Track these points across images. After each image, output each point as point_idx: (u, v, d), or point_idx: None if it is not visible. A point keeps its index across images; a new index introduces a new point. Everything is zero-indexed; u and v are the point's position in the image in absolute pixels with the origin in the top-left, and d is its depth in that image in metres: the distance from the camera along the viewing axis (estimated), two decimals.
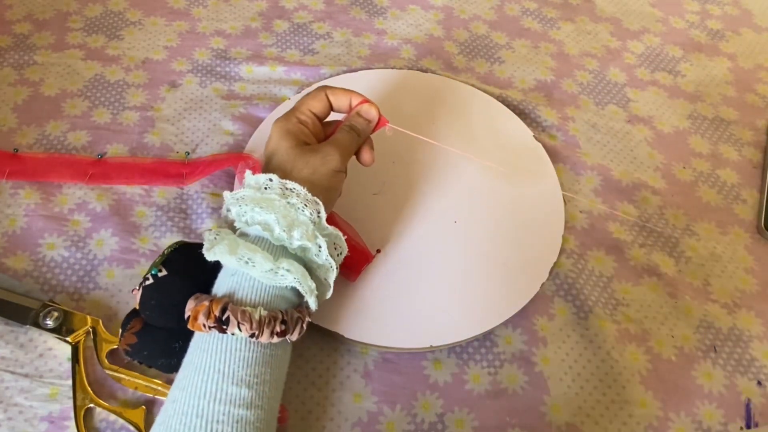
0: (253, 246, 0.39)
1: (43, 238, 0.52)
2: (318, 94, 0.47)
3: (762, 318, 0.54)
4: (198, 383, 0.36)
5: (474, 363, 0.50)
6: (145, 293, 0.41)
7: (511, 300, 0.51)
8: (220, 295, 0.39)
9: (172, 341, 0.42)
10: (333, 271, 0.42)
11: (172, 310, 0.40)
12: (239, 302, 0.39)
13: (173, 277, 0.41)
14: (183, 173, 0.56)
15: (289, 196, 0.41)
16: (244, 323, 0.37)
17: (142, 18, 0.68)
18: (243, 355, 0.37)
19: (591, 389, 0.49)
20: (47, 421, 0.44)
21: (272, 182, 0.41)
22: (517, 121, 0.63)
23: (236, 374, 0.37)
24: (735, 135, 0.67)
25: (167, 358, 0.42)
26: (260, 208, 0.40)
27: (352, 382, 0.48)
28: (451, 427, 0.47)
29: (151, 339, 0.42)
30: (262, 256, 0.38)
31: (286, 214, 0.40)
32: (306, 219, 0.41)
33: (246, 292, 0.39)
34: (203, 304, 0.38)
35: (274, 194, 0.41)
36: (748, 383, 0.50)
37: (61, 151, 0.57)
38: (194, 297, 0.39)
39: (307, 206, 0.41)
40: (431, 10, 0.75)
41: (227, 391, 0.36)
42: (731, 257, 0.58)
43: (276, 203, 0.40)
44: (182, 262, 0.42)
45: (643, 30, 0.76)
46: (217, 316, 0.37)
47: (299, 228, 0.40)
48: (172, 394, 0.38)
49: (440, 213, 0.55)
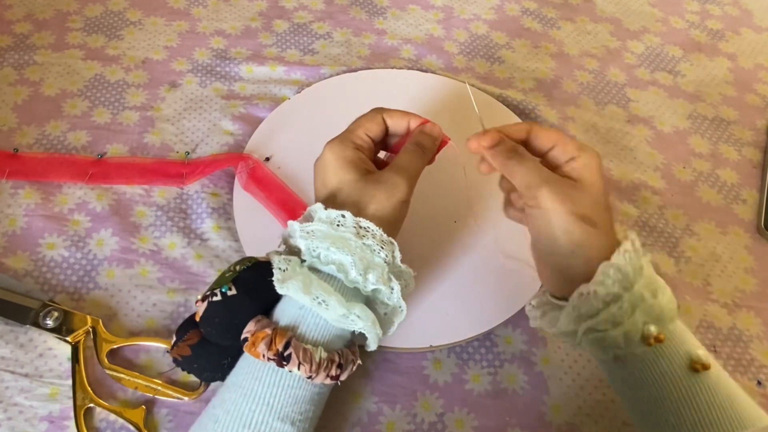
0: (327, 287, 0.38)
1: (43, 238, 0.52)
2: (374, 116, 0.44)
3: (762, 318, 0.54)
4: (245, 411, 0.36)
5: (474, 363, 0.50)
6: (211, 309, 0.40)
7: (511, 300, 0.51)
8: (282, 324, 0.38)
9: (223, 357, 0.41)
10: (402, 313, 0.41)
11: (234, 329, 0.39)
12: (302, 338, 0.38)
13: (242, 297, 0.39)
14: (183, 173, 0.56)
15: (364, 236, 0.39)
16: (305, 364, 0.36)
17: (142, 18, 0.68)
18: (294, 393, 0.37)
19: (591, 389, 0.49)
20: (47, 420, 0.44)
21: (345, 219, 0.39)
22: (517, 121, 0.63)
23: (283, 410, 0.36)
24: (735, 135, 0.67)
25: (213, 372, 0.42)
26: (336, 248, 0.38)
27: (351, 381, 0.48)
28: (451, 427, 0.47)
29: (206, 354, 0.41)
30: (336, 300, 0.37)
31: (363, 257, 0.39)
32: (381, 261, 0.39)
33: (310, 329, 0.38)
34: (265, 332, 0.37)
35: (349, 233, 0.39)
36: (748, 383, 0.50)
37: (61, 151, 0.57)
38: (256, 320, 0.38)
39: (384, 248, 0.39)
40: (431, 10, 0.75)
41: (272, 425, 0.36)
42: (731, 257, 0.58)
43: (351, 244, 0.38)
44: (253, 282, 0.40)
45: (643, 30, 0.76)
46: (279, 351, 0.36)
47: (375, 271, 0.39)
48: (214, 412, 0.37)
49: (440, 213, 0.55)
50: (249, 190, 0.55)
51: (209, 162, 0.57)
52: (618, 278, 0.39)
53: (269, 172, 0.56)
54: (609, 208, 0.41)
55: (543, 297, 0.44)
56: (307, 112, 0.61)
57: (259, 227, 0.53)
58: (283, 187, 0.55)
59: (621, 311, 0.38)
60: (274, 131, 0.59)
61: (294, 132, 0.60)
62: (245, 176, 0.55)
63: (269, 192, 0.54)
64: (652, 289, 0.39)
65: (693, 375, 0.38)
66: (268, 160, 0.57)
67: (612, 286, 0.38)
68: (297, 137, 0.59)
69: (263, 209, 0.54)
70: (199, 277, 0.51)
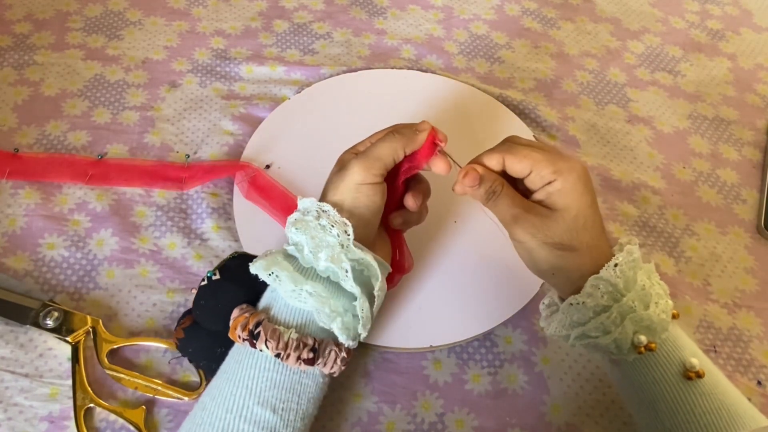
0: (286, 264, 0.39)
1: (43, 238, 0.52)
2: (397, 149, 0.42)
3: (762, 318, 0.54)
4: (227, 395, 0.37)
5: (474, 363, 0.50)
6: (198, 293, 0.44)
7: (511, 300, 0.51)
8: (260, 309, 0.40)
9: (215, 345, 0.43)
10: (359, 298, 0.39)
11: (220, 315, 0.41)
12: (273, 319, 0.39)
13: (225, 283, 0.43)
14: (182, 177, 0.56)
15: (321, 217, 0.40)
16: (271, 341, 0.37)
17: (142, 18, 0.68)
18: (270, 376, 0.38)
19: (591, 389, 0.49)
20: (47, 420, 0.44)
21: (311, 205, 0.41)
22: (517, 121, 0.63)
23: (262, 394, 0.37)
24: (735, 135, 0.67)
25: (209, 361, 0.44)
26: (296, 228, 0.40)
27: (351, 381, 0.48)
28: (451, 427, 0.47)
29: (195, 337, 0.44)
30: (288, 275, 0.38)
31: (315, 236, 0.39)
32: (334, 241, 0.39)
33: (281, 311, 0.39)
34: (243, 316, 0.39)
35: (311, 216, 0.40)
36: (748, 383, 0.50)
37: (61, 150, 0.57)
38: (240, 307, 0.40)
39: (334, 227, 0.39)
40: (431, 10, 0.75)
41: (252, 410, 0.37)
42: (731, 257, 0.58)
43: (310, 225, 0.40)
44: (236, 270, 0.44)
45: (643, 30, 0.76)
46: (251, 330, 0.38)
47: (326, 250, 0.39)
48: (202, 400, 0.39)
49: (440, 213, 0.55)
50: (251, 198, 0.54)
51: (209, 168, 0.56)
52: (608, 290, 0.40)
53: (270, 180, 0.55)
54: (594, 224, 0.41)
55: (552, 298, 0.45)
56: (307, 112, 0.61)
57: (259, 227, 0.53)
58: (285, 193, 0.55)
59: (609, 321, 0.40)
60: (274, 132, 0.59)
61: (294, 132, 0.59)
62: (246, 185, 0.54)
63: (272, 200, 0.54)
64: (644, 300, 0.40)
65: (687, 382, 0.39)
66: (269, 167, 0.57)
67: (601, 298, 0.40)
68: (297, 138, 0.59)
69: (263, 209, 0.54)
70: (199, 277, 0.51)
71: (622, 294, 0.40)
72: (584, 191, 0.41)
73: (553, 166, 0.40)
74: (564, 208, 0.40)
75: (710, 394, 0.39)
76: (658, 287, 0.41)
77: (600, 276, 0.40)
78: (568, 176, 0.40)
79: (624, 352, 0.40)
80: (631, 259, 0.40)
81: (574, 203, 0.40)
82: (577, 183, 0.40)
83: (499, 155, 0.42)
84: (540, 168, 0.40)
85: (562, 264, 0.41)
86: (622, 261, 0.40)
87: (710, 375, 0.40)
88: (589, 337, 0.41)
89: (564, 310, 0.42)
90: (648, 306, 0.40)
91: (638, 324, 0.40)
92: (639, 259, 0.41)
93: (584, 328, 0.40)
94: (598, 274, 0.40)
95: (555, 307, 0.44)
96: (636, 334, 0.40)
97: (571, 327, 0.41)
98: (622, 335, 0.39)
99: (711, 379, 0.39)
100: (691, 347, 0.41)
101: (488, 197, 0.42)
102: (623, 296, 0.40)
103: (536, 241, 0.40)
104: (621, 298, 0.40)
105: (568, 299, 0.41)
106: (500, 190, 0.42)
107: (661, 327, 0.40)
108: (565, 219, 0.40)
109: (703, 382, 0.39)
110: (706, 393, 0.39)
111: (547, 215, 0.41)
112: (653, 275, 0.42)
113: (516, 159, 0.41)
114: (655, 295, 0.41)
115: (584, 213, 0.41)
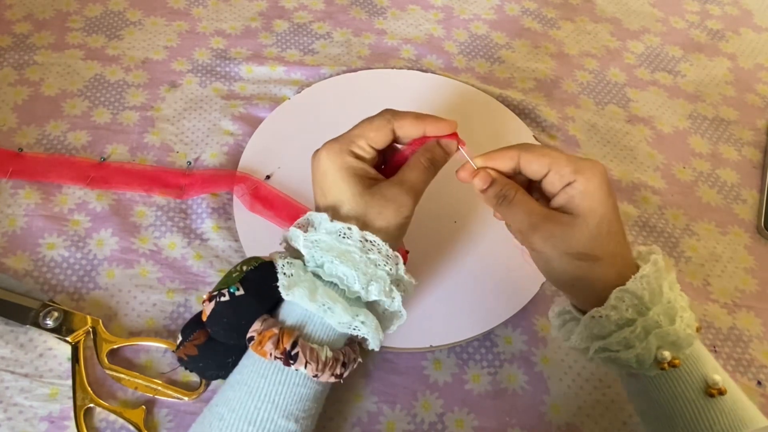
0: (333, 294, 0.38)
1: (43, 238, 0.52)
2: (382, 126, 0.40)
3: (762, 318, 0.54)
4: (250, 409, 0.36)
5: (474, 363, 0.50)
6: (219, 309, 0.40)
7: (511, 300, 0.51)
8: (289, 323, 0.38)
9: (227, 356, 0.42)
10: (403, 318, 0.40)
11: (240, 329, 0.39)
12: (308, 337, 0.38)
13: (250, 298, 0.40)
14: (182, 185, 0.56)
15: (369, 251, 0.38)
16: (311, 363, 0.36)
17: (142, 18, 0.68)
18: (299, 391, 0.37)
19: (591, 389, 0.49)
20: (47, 421, 0.44)
21: (351, 232, 0.38)
22: (517, 121, 0.63)
23: (288, 408, 0.37)
24: (735, 135, 0.67)
25: (217, 371, 0.42)
26: (340, 261, 0.38)
27: (351, 381, 0.48)
28: (451, 427, 0.47)
29: (212, 354, 0.42)
30: (341, 307, 0.37)
31: (366, 271, 0.38)
32: (384, 275, 0.39)
33: (316, 329, 0.38)
34: (272, 332, 0.37)
35: (354, 247, 0.38)
36: (748, 383, 0.50)
37: (61, 151, 0.57)
38: (262, 319, 0.39)
39: (387, 263, 0.39)
40: (431, 10, 0.75)
41: (277, 423, 0.36)
42: (731, 257, 0.58)
43: (356, 257, 0.38)
44: (260, 282, 0.40)
45: (643, 30, 0.76)
46: (286, 350, 0.36)
47: (377, 284, 0.38)
48: (218, 410, 0.37)
49: (440, 213, 0.55)
50: (256, 211, 0.54)
51: (209, 177, 0.56)
52: (633, 303, 0.38)
53: (272, 190, 0.55)
54: (617, 230, 0.39)
55: (565, 306, 0.43)
56: (307, 112, 0.61)
57: (259, 227, 0.53)
58: (289, 202, 0.54)
59: (633, 335, 0.37)
60: (274, 132, 0.59)
61: (294, 132, 0.59)
62: (248, 198, 0.54)
63: (276, 210, 0.54)
64: (670, 315, 0.38)
65: (708, 399, 0.37)
66: (269, 178, 0.56)
67: (626, 311, 0.38)
68: (297, 138, 0.59)
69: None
70: (199, 277, 0.51)
71: (647, 307, 0.37)
72: (609, 193, 0.38)
73: (574, 165, 0.38)
74: (587, 212, 0.38)
75: (730, 411, 0.37)
76: (681, 299, 0.39)
77: (626, 288, 0.37)
78: (592, 177, 0.38)
79: (645, 367, 0.38)
80: (659, 268, 0.38)
81: (599, 207, 0.38)
82: (602, 184, 0.38)
83: (515, 152, 0.40)
84: (559, 167, 0.38)
85: (584, 275, 0.38)
86: (649, 272, 0.38)
87: (730, 392, 0.38)
88: (609, 350, 0.39)
89: (585, 323, 0.39)
90: (674, 320, 0.38)
91: (663, 339, 0.37)
92: (663, 269, 0.39)
93: (605, 341, 0.38)
94: (623, 286, 0.37)
95: (568, 315, 0.42)
96: (660, 349, 0.37)
97: (590, 340, 0.39)
98: (645, 350, 0.37)
99: (731, 396, 0.38)
100: (712, 362, 0.39)
101: (499, 201, 0.40)
102: (648, 309, 0.37)
103: (556, 252, 0.38)
104: (646, 311, 0.37)
105: (590, 312, 0.39)
106: (513, 195, 0.39)
107: (687, 342, 0.38)
108: (588, 225, 0.38)
109: (723, 399, 0.37)
110: (727, 410, 0.37)
111: (568, 222, 0.38)
112: (675, 286, 0.40)
113: (533, 157, 0.39)
114: (680, 308, 0.38)
115: (608, 218, 0.38)
